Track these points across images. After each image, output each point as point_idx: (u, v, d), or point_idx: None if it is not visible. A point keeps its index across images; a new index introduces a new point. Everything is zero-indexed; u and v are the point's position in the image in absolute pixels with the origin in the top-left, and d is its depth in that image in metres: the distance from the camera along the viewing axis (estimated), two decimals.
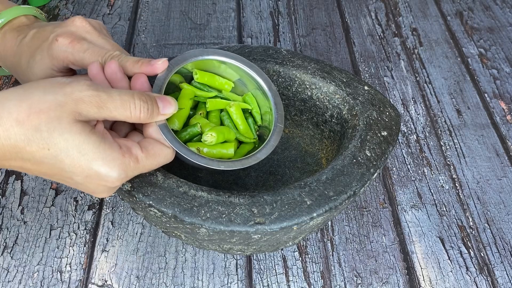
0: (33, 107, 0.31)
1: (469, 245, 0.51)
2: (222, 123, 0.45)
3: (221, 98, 0.45)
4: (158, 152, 0.37)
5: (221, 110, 0.46)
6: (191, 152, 0.38)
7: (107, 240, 0.49)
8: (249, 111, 0.46)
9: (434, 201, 0.55)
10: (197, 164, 0.39)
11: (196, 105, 0.45)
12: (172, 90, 0.43)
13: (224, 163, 0.39)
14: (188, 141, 0.42)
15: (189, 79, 0.45)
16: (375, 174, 0.42)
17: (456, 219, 0.53)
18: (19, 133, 0.31)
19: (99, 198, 0.52)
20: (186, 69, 0.43)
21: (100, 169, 0.33)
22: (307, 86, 0.50)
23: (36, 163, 0.33)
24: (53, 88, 0.32)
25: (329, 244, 0.50)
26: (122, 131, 0.39)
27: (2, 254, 0.48)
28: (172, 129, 0.40)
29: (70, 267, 0.47)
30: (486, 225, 0.53)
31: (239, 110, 0.45)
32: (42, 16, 0.49)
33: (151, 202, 0.38)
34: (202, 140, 0.41)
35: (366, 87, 0.49)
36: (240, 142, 0.45)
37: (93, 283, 0.46)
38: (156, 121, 0.37)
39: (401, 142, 0.60)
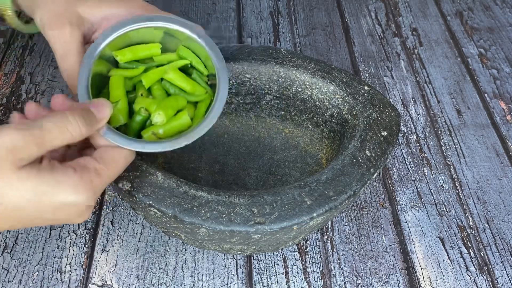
0: None
1: (469, 245, 0.51)
2: (167, 93, 0.42)
3: (156, 66, 0.42)
4: (116, 157, 0.35)
5: (162, 79, 0.42)
6: (136, 143, 0.37)
7: (107, 240, 0.49)
8: (190, 65, 0.42)
9: (434, 201, 0.55)
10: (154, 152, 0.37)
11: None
12: (104, 84, 0.41)
13: (182, 138, 0.37)
14: (142, 129, 0.40)
15: (116, 62, 0.42)
16: (375, 174, 0.42)
17: (456, 219, 0.53)
18: None
19: (99, 198, 0.52)
20: (106, 55, 0.40)
21: (64, 199, 0.32)
22: (307, 86, 0.50)
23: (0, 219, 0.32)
24: None
25: (329, 244, 0.50)
26: (76, 145, 0.38)
27: (2, 254, 0.48)
28: (121, 126, 0.39)
29: (70, 267, 0.47)
30: (486, 225, 0.53)
31: (177, 72, 0.41)
32: None
33: (151, 202, 0.38)
34: (153, 123, 0.39)
35: (366, 87, 0.49)
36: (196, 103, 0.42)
37: (93, 283, 0.46)
38: (98, 129, 0.36)
39: (401, 142, 0.60)
